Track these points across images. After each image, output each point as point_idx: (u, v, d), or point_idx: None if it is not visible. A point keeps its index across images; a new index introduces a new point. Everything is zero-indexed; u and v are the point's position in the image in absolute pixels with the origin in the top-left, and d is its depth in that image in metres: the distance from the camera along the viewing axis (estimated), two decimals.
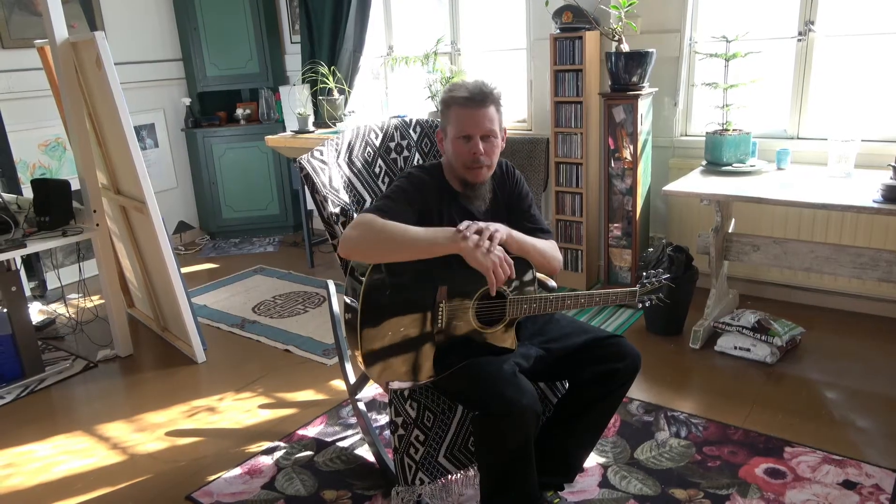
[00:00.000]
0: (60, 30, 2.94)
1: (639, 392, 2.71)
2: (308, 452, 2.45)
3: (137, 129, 4.32)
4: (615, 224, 3.54)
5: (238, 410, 2.78)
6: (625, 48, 3.25)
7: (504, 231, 1.81)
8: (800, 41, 3.24)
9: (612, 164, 3.46)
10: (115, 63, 2.84)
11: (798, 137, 3.33)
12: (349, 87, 4.55)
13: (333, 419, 2.66)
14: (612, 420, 2.34)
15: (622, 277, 3.59)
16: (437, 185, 1.93)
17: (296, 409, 2.76)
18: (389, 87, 4.72)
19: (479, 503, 1.87)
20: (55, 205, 3.00)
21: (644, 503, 2.09)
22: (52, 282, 4.05)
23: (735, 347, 2.97)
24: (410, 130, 2.35)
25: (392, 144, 2.30)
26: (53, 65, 3.15)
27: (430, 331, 1.84)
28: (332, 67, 4.45)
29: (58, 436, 2.65)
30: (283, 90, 4.73)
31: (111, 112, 2.91)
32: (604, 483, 2.19)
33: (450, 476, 2.00)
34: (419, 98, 4.24)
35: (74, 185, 3.13)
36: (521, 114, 4.14)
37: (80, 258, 3.99)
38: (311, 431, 2.58)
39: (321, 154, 2.14)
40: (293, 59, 5.07)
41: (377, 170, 2.26)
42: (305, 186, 2.11)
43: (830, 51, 3.22)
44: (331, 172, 2.13)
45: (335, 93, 4.40)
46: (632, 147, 3.37)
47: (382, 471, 2.28)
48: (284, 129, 4.67)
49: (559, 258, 2.01)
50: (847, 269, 2.96)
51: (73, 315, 3.78)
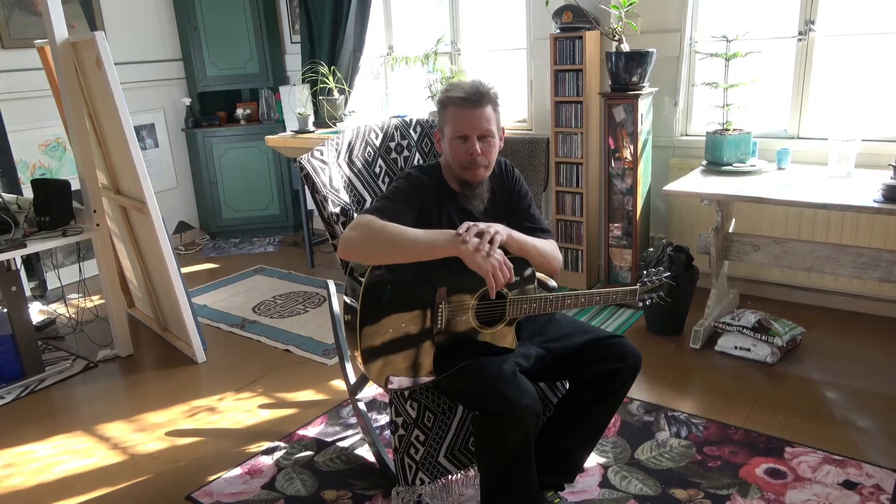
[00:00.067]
0: (60, 30, 2.94)
1: (639, 392, 2.71)
2: (308, 452, 2.45)
3: (137, 129, 4.32)
4: (615, 224, 3.54)
5: (238, 410, 2.78)
6: (625, 48, 3.25)
7: (504, 232, 1.81)
8: (800, 41, 3.24)
9: (613, 164, 3.46)
10: (115, 63, 2.85)
11: (798, 137, 3.33)
12: (349, 87, 4.55)
13: (334, 419, 2.66)
14: (613, 420, 2.34)
15: (622, 277, 3.59)
16: (436, 186, 1.93)
17: (296, 409, 2.76)
18: (389, 87, 4.71)
19: (480, 503, 1.87)
20: (55, 205, 3.00)
21: (644, 503, 2.09)
22: (53, 282, 4.05)
23: (735, 347, 2.97)
24: (411, 130, 2.35)
25: (392, 144, 2.30)
26: (53, 65, 3.15)
27: (430, 331, 1.84)
28: (333, 67, 4.45)
29: (58, 436, 2.65)
30: (284, 90, 4.73)
31: (111, 112, 2.91)
32: (604, 483, 2.19)
33: (450, 476, 2.00)
34: (419, 98, 4.23)
35: (74, 185, 3.13)
36: (522, 114, 4.14)
37: (81, 258, 3.98)
38: (312, 431, 2.58)
39: (321, 154, 2.14)
40: (293, 59, 5.07)
41: (377, 170, 2.26)
42: (305, 186, 2.11)
43: (831, 50, 3.22)
44: (331, 172, 2.13)
45: (335, 93, 4.40)
46: (632, 147, 3.37)
47: (383, 471, 2.28)
48: (284, 129, 4.68)
49: (559, 258, 2.01)
50: (847, 269, 2.96)
51: (74, 315, 3.78)
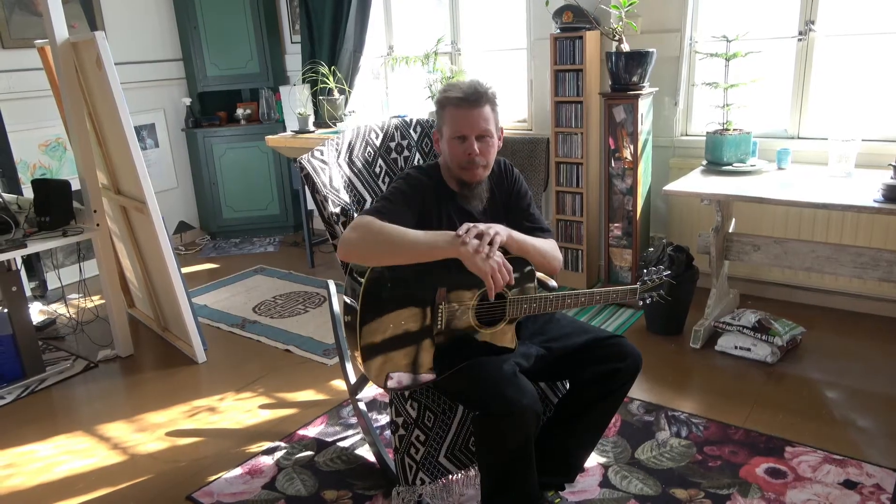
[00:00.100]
0: (61, 30, 2.94)
1: (639, 392, 2.71)
2: (308, 452, 2.45)
3: (138, 129, 4.31)
4: (615, 224, 3.54)
5: (238, 410, 2.78)
6: (625, 48, 3.25)
7: (504, 233, 1.81)
8: (800, 41, 3.24)
9: (613, 164, 3.46)
10: (116, 63, 2.85)
11: (798, 137, 3.33)
12: (349, 87, 4.55)
13: (334, 419, 2.66)
14: (613, 420, 2.34)
15: (623, 277, 3.59)
16: (435, 186, 1.93)
17: (296, 409, 2.76)
18: (390, 87, 4.71)
19: (480, 503, 1.87)
20: (55, 205, 3.00)
21: (645, 503, 2.09)
22: (53, 282, 4.05)
23: (736, 347, 2.97)
24: (411, 130, 2.35)
25: (392, 144, 2.30)
26: (54, 65, 3.15)
27: (430, 331, 1.84)
28: (333, 67, 4.45)
29: (58, 436, 2.65)
30: (284, 90, 4.73)
31: (111, 112, 2.91)
32: (604, 483, 2.19)
33: (450, 476, 2.01)
34: (419, 98, 4.24)
35: (75, 186, 3.13)
36: (522, 114, 4.14)
37: (81, 258, 3.99)
38: (312, 431, 2.58)
39: (321, 154, 2.14)
40: (293, 59, 5.07)
41: (377, 169, 2.26)
42: (306, 186, 2.11)
43: (831, 50, 3.22)
44: (331, 172, 2.13)
45: (335, 93, 4.40)
46: (632, 147, 3.37)
47: (383, 471, 2.28)
48: (285, 129, 4.68)
49: (559, 258, 2.01)
50: (847, 269, 2.96)
51: (74, 315, 3.78)
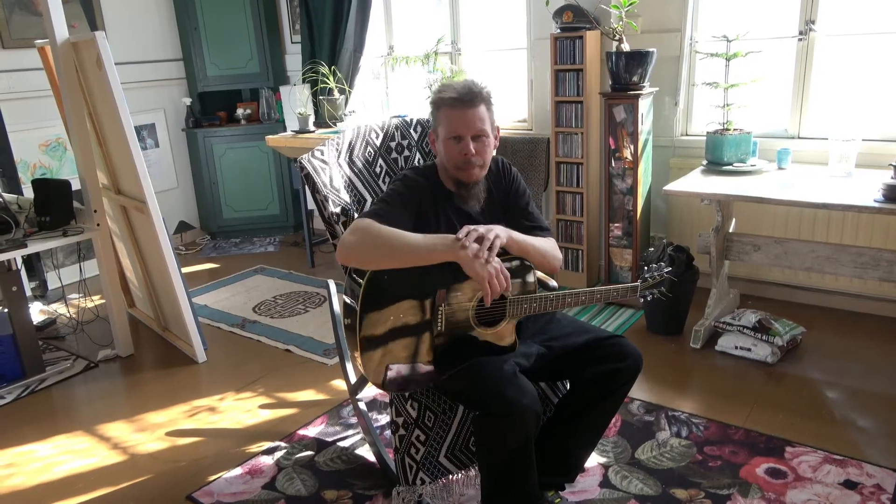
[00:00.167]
0: (61, 30, 2.94)
1: (640, 392, 2.71)
2: (309, 452, 2.45)
3: (138, 129, 4.31)
4: (616, 224, 3.54)
5: (239, 410, 2.78)
6: (625, 48, 3.25)
7: (504, 235, 1.81)
8: (800, 40, 3.24)
9: (613, 164, 3.46)
10: (116, 63, 2.85)
11: (799, 137, 3.33)
12: (350, 87, 4.55)
13: (334, 419, 2.66)
14: (613, 420, 2.34)
15: (623, 277, 3.58)
16: (432, 187, 1.93)
17: (296, 409, 2.76)
18: (390, 87, 4.71)
19: (480, 503, 1.87)
20: (56, 205, 3.00)
21: (645, 503, 2.09)
22: (53, 282, 4.05)
23: (736, 347, 2.97)
24: (411, 130, 2.35)
25: (393, 144, 2.30)
26: (54, 65, 3.15)
27: (430, 332, 1.84)
28: (333, 67, 4.45)
29: (58, 436, 2.65)
30: (284, 90, 4.73)
31: (111, 112, 2.91)
32: (605, 483, 2.19)
33: (451, 476, 2.00)
34: (420, 98, 4.23)
35: (75, 185, 3.13)
36: (522, 113, 4.14)
37: (81, 258, 3.99)
38: (312, 431, 2.58)
39: (322, 154, 2.14)
40: (293, 59, 5.07)
41: (378, 169, 2.26)
42: (306, 186, 2.11)
43: (831, 50, 3.22)
44: (331, 172, 2.13)
45: (336, 92, 4.40)
46: (632, 147, 3.37)
47: (383, 471, 2.28)
48: (285, 129, 4.67)
49: (559, 257, 2.01)
50: (848, 269, 2.95)
51: (74, 315, 3.77)
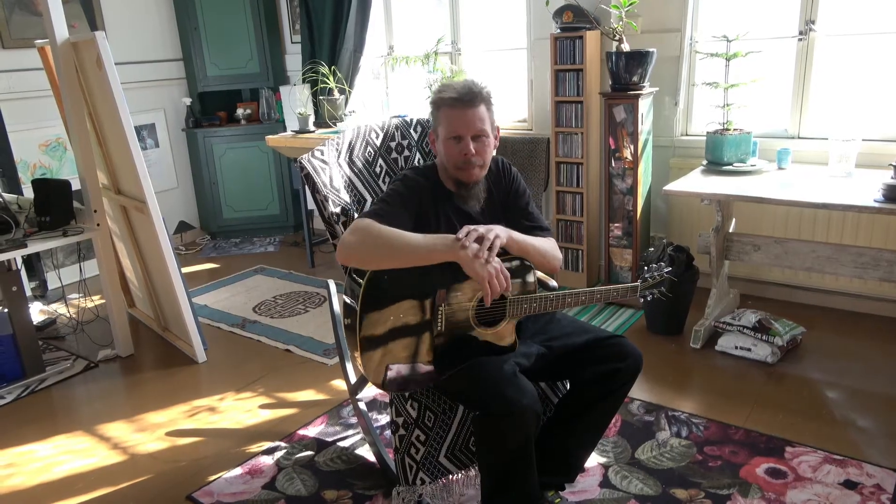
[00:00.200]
0: (61, 30, 2.94)
1: (640, 392, 2.71)
2: (309, 452, 2.45)
3: (138, 129, 4.32)
4: (616, 224, 3.54)
5: (239, 410, 2.78)
6: (625, 48, 3.25)
7: (504, 235, 1.81)
8: (800, 40, 3.24)
9: (613, 164, 3.46)
10: (116, 63, 2.85)
11: (799, 137, 3.33)
12: (350, 87, 4.55)
13: (334, 419, 2.65)
14: (613, 420, 2.34)
15: (623, 277, 3.58)
16: (432, 187, 1.93)
17: (296, 409, 2.76)
18: (390, 87, 4.71)
19: (480, 503, 1.87)
20: (56, 205, 3.00)
21: (645, 503, 2.09)
22: (53, 282, 4.05)
23: (736, 347, 2.97)
24: (411, 130, 2.35)
25: (393, 144, 2.30)
26: (54, 65, 3.15)
27: (430, 332, 1.84)
28: (333, 67, 4.45)
29: (58, 436, 2.65)
30: (284, 90, 4.73)
31: (112, 112, 2.91)
32: (605, 483, 2.19)
33: (451, 476, 2.00)
34: (420, 98, 4.23)
35: (75, 185, 3.13)
36: (522, 113, 4.14)
37: (81, 258, 3.99)
38: (312, 431, 2.58)
39: (322, 154, 2.14)
40: (293, 59, 5.07)
41: (378, 169, 2.26)
42: (306, 186, 2.11)
43: (831, 50, 3.22)
44: (331, 172, 2.13)
45: (336, 92, 4.40)
46: (632, 147, 3.36)
47: (383, 471, 2.28)
48: (285, 129, 4.67)
49: (559, 257, 2.01)
50: (848, 269, 2.95)
51: (74, 315, 3.77)
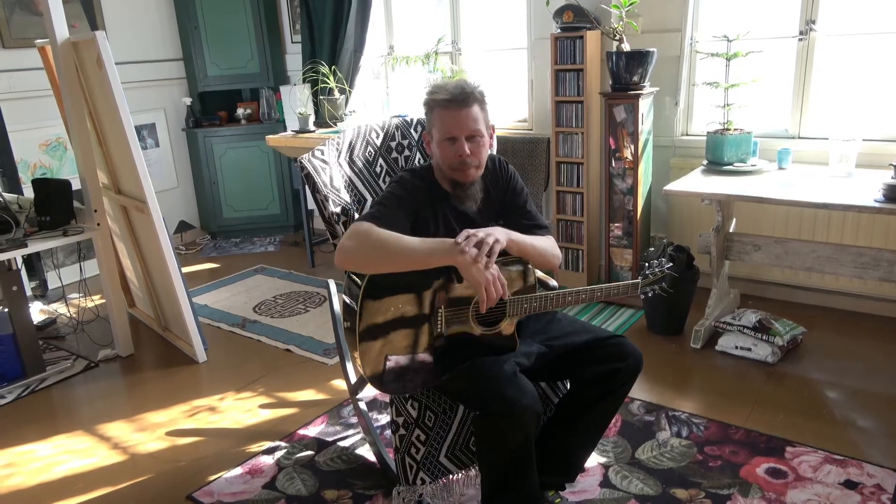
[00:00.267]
0: (61, 29, 2.94)
1: (640, 392, 2.71)
2: (309, 452, 2.45)
3: (138, 129, 4.32)
4: (616, 224, 3.54)
5: (239, 410, 2.78)
6: (626, 48, 3.25)
7: (503, 238, 1.80)
8: (801, 40, 3.24)
9: (613, 164, 3.45)
10: (116, 63, 2.84)
11: (799, 137, 3.32)
12: (350, 87, 4.55)
13: (334, 419, 2.65)
14: (614, 420, 2.34)
15: (623, 277, 3.58)
16: (429, 188, 1.93)
17: (296, 409, 2.76)
18: (390, 87, 4.71)
19: (481, 503, 1.87)
20: (56, 204, 3.00)
21: (645, 503, 2.09)
22: (53, 281, 4.05)
23: (736, 347, 2.97)
24: (411, 130, 2.35)
25: (393, 144, 2.30)
26: (54, 64, 3.15)
27: (430, 333, 1.84)
28: (333, 67, 4.45)
29: (58, 435, 2.65)
30: (284, 90, 4.73)
31: (112, 112, 2.91)
32: (605, 483, 2.19)
33: (451, 476, 2.00)
34: (420, 97, 4.22)
35: (75, 185, 3.13)
36: (522, 113, 4.14)
37: (81, 258, 3.99)
38: (312, 431, 2.58)
39: (322, 153, 2.14)
40: (294, 59, 5.07)
41: (378, 169, 2.26)
42: (306, 186, 2.11)
43: (831, 50, 3.22)
44: (332, 172, 2.13)
45: (336, 92, 4.40)
46: (633, 146, 3.36)
47: (383, 470, 2.28)
48: (285, 129, 4.67)
49: (558, 255, 2.01)
50: (848, 269, 2.95)
51: (74, 315, 3.77)
